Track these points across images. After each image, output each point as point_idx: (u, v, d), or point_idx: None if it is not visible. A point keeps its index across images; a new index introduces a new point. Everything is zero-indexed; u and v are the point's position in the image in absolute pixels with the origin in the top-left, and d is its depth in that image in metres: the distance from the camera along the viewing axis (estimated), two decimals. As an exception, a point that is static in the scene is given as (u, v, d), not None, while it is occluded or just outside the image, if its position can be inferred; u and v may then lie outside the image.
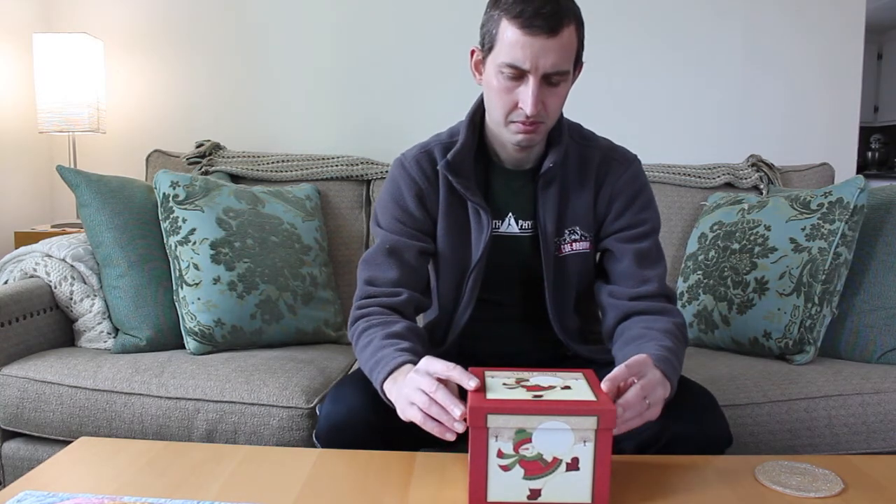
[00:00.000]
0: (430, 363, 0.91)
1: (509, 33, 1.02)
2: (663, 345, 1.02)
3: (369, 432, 1.03)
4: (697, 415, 1.04)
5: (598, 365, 1.12)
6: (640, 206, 1.20)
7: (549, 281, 1.18)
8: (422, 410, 0.88)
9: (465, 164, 1.17)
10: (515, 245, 1.20)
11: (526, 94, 1.04)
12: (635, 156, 1.23)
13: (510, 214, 1.20)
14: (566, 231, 1.19)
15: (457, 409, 0.85)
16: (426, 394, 0.88)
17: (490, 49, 1.06)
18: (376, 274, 1.16)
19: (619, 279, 1.18)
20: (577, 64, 1.09)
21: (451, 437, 0.87)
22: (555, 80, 1.05)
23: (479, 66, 1.12)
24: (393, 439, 1.03)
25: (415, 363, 0.95)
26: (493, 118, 1.12)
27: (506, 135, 1.11)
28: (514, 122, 1.08)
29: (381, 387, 0.99)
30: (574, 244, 1.19)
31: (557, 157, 1.16)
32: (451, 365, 0.89)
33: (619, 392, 0.89)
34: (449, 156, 1.16)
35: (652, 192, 1.23)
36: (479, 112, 1.19)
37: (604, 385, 0.86)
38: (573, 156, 1.19)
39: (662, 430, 1.00)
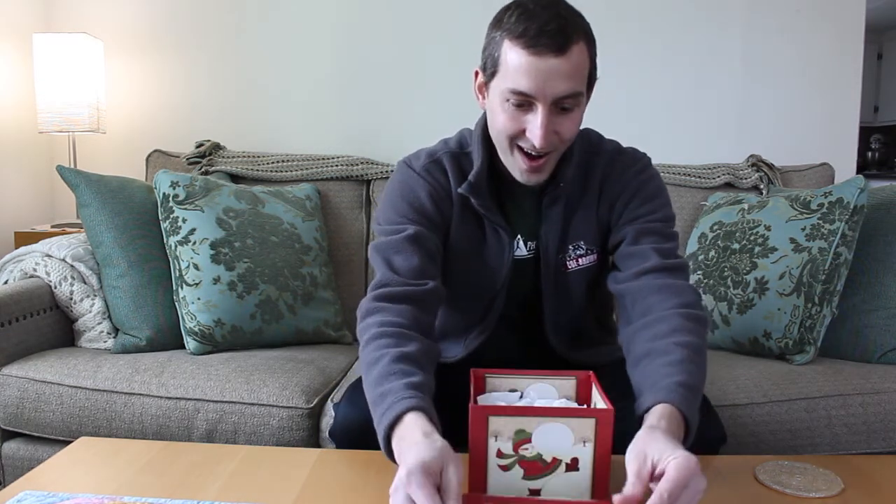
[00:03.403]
0: (417, 473, 0.71)
1: (513, 56, 0.93)
2: (675, 381, 0.86)
3: None
4: None
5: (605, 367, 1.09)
6: (645, 198, 1.11)
7: (548, 300, 1.14)
8: None
9: (483, 184, 1.09)
10: (524, 266, 1.15)
11: (535, 125, 0.95)
12: (644, 154, 1.16)
13: (518, 236, 1.14)
14: (570, 247, 1.14)
15: None
16: None
17: (493, 74, 0.98)
18: (398, 260, 1.03)
19: (620, 261, 1.11)
20: (591, 83, 1.01)
21: None
22: (567, 105, 0.96)
23: (482, 90, 1.04)
24: None
25: (423, 410, 0.82)
26: (499, 144, 1.05)
27: (510, 162, 1.04)
28: (519, 147, 1.01)
29: (386, 435, 0.84)
30: (580, 259, 1.14)
31: (567, 176, 1.09)
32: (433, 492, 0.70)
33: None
34: (471, 177, 1.08)
35: (662, 185, 1.14)
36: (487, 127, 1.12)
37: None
38: (578, 169, 1.13)
39: None
